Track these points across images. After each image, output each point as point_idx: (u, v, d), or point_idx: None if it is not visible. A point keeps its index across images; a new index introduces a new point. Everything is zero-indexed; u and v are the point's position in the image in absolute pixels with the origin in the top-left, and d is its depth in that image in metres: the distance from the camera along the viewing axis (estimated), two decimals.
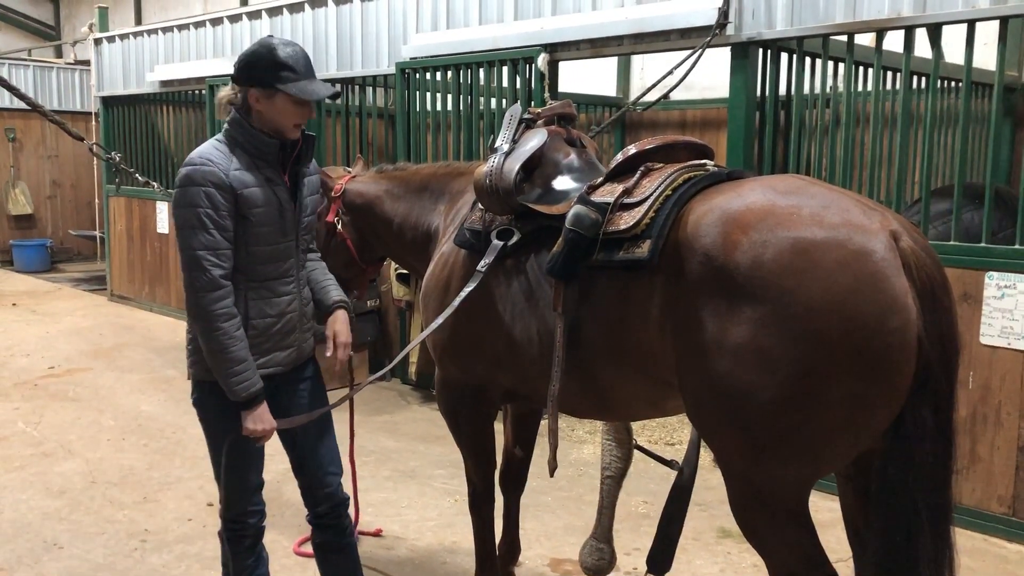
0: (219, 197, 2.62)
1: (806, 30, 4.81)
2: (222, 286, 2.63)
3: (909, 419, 2.17)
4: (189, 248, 2.62)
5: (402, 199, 3.66)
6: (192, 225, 2.61)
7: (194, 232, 2.61)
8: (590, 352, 2.70)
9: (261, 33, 8.39)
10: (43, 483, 4.94)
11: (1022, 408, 4.23)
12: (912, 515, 2.20)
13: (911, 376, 2.14)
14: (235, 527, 2.96)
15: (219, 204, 2.62)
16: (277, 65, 2.66)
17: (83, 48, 12.39)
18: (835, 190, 2.33)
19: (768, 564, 2.42)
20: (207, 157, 2.66)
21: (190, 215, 2.61)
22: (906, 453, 2.19)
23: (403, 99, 6.84)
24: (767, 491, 2.32)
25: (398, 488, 4.93)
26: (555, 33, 5.82)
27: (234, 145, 2.73)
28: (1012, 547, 4.25)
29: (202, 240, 2.60)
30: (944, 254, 4.42)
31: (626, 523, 4.31)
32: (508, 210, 2.99)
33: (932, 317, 2.14)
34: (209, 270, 2.61)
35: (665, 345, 2.46)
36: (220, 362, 2.65)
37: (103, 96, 10.69)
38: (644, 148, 2.81)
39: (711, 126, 8.56)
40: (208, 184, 2.61)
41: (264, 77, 2.67)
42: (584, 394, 2.82)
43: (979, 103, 6.52)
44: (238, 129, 2.73)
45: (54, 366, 7.62)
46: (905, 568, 2.21)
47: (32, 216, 14.16)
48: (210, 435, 2.90)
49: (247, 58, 2.72)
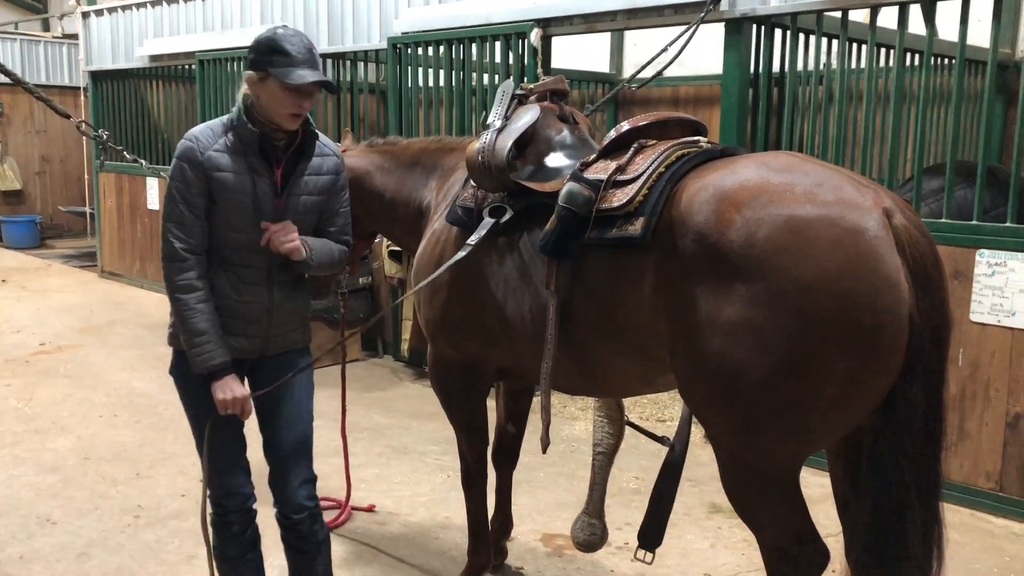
0: (191, 173, 2.67)
1: (800, 6, 4.79)
2: (183, 259, 2.67)
3: (900, 396, 2.19)
4: (163, 218, 2.71)
5: (392, 173, 3.63)
6: (168, 196, 2.71)
7: (168, 203, 2.70)
8: (583, 330, 2.71)
9: (251, 8, 8.32)
10: (35, 460, 4.94)
11: (1011, 385, 4.26)
12: (902, 490, 2.22)
13: (903, 353, 2.15)
14: (219, 510, 2.91)
15: (190, 180, 2.67)
16: (272, 49, 2.62)
17: (71, 22, 12.27)
18: (829, 167, 2.33)
19: (759, 539, 2.44)
20: (194, 134, 2.73)
21: (169, 187, 2.71)
22: (897, 429, 2.21)
23: (395, 74, 6.79)
24: (758, 467, 2.34)
25: (391, 464, 4.95)
26: (548, 8, 5.77)
27: (229, 127, 2.74)
28: (998, 521, 4.30)
29: (171, 212, 2.68)
30: (935, 231, 4.43)
31: (617, 498, 4.34)
32: (500, 187, 2.97)
33: (924, 295, 2.14)
34: (172, 242, 2.68)
35: (658, 322, 2.46)
36: (182, 333, 2.70)
37: (91, 71, 10.58)
38: (637, 124, 2.79)
39: (704, 103, 8.53)
40: (184, 159, 2.68)
41: (258, 60, 2.65)
42: (576, 371, 2.83)
43: (972, 80, 6.51)
44: (236, 113, 2.74)
45: (45, 343, 7.60)
46: (894, 543, 2.23)
47: (21, 192, 14.06)
48: (187, 406, 2.90)
49: (252, 42, 2.70)
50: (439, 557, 3.87)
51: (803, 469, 2.42)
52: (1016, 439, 4.27)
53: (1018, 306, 4.18)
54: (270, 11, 8.11)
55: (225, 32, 8.56)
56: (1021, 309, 4.18)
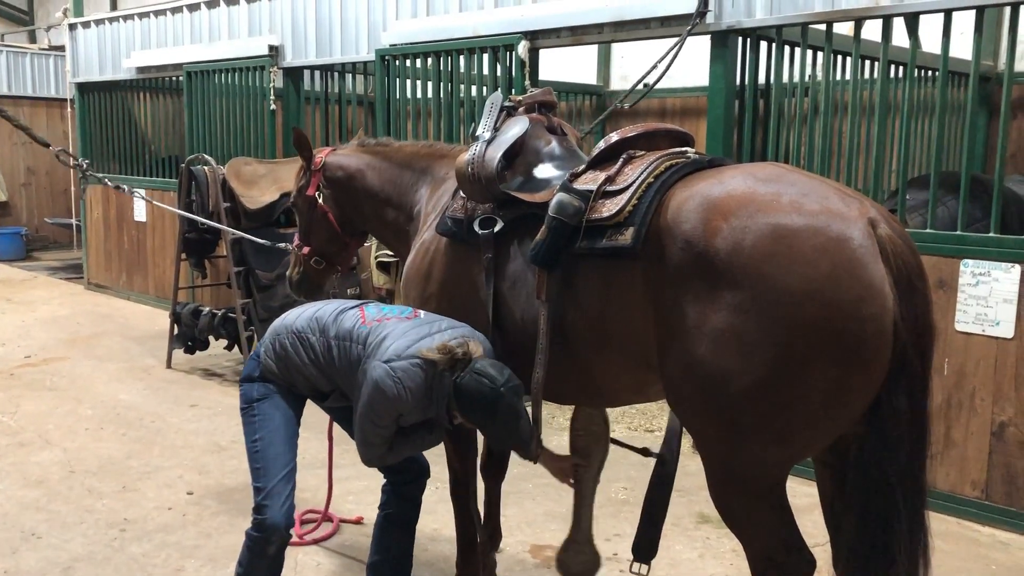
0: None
1: (785, 18, 4.83)
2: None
3: (885, 404, 2.21)
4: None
5: (384, 174, 3.64)
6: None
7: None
8: (574, 339, 2.72)
9: (239, 19, 8.31)
10: (20, 473, 4.90)
11: (995, 394, 4.29)
12: (887, 499, 2.23)
13: (887, 361, 2.17)
14: (266, 531, 2.96)
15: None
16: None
17: (57, 33, 12.25)
18: (814, 178, 2.36)
19: (746, 548, 2.44)
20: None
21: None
22: (882, 437, 2.22)
23: (383, 86, 6.81)
24: (745, 475, 2.34)
25: (378, 476, 4.91)
26: (535, 20, 5.80)
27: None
28: (984, 530, 4.31)
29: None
30: (920, 242, 4.45)
31: (606, 508, 4.34)
32: (490, 198, 2.98)
33: (908, 303, 2.16)
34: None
35: (648, 331, 2.47)
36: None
37: (78, 82, 10.55)
38: (626, 136, 2.82)
39: (691, 114, 8.58)
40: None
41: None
42: (568, 381, 2.83)
43: (955, 92, 6.57)
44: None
45: (31, 355, 7.55)
46: (880, 551, 2.25)
47: (7, 204, 13.98)
48: (259, 429, 3.01)
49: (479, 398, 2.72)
50: (428, 569, 3.86)
51: (790, 478, 2.43)
52: (1001, 447, 4.30)
53: (1002, 316, 4.22)
54: (258, 23, 8.11)
55: (213, 44, 8.55)
56: (1005, 319, 4.21)
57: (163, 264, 9.51)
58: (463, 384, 2.66)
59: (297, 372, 2.99)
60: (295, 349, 2.96)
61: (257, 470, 2.97)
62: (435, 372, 2.71)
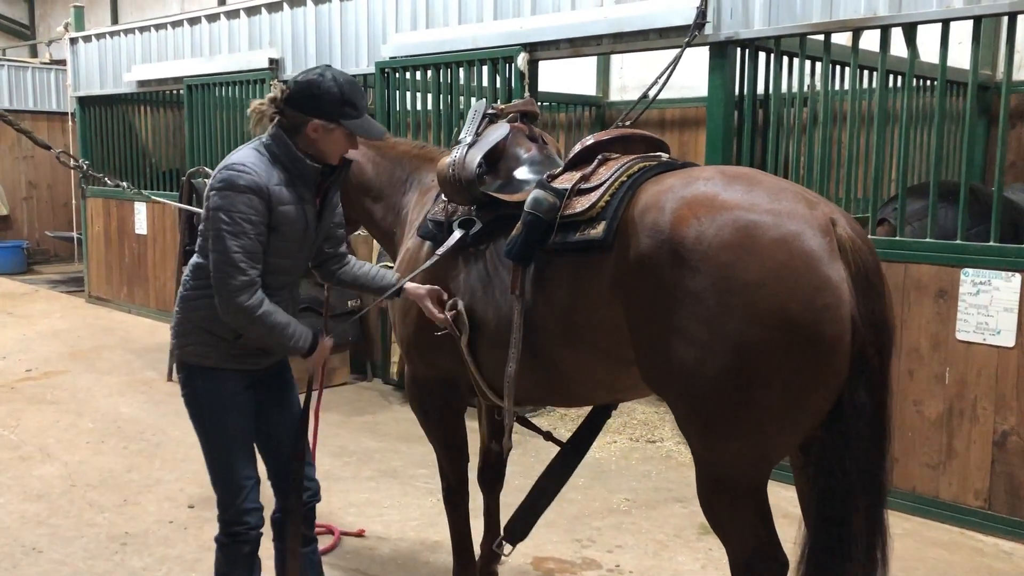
0: (260, 206, 2.72)
1: (783, 29, 4.85)
2: (256, 284, 2.74)
3: (847, 401, 2.27)
4: (226, 250, 2.69)
5: (376, 166, 3.66)
6: (232, 229, 2.69)
7: (234, 236, 2.69)
8: (547, 335, 2.78)
9: (239, 33, 8.35)
10: (21, 487, 4.89)
11: (997, 403, 4.28)
12: (846, 496, 2.29)
13: (847, 357, 2.23)
14: (234, 530, 2.94)
15: (260, 212, 2.72)
16: (344, 103, 2.76)
17: (59, 48, 12.28)
18: (782, 181, 2.47)
19: (727, 549, 2.51)
20: (251, 167, 2.74)
21: (232, 218, 2.69)
22: (843, 434, 2.28)
23: (383, 98, 6.83)
24: (724, 474, 2.41)
25: (380, 488, 4.93)
26: (534, 32, 5.83)
27: (274, 160, 2.80)
28: (988, 540, 4.30)
29: (240, 244, 2.69)
30: (921, 251, 4.49)
31: (608, 520, 4.32)
32: (470, 200, 3.06)
33: (866, 300, 2.23)
34: (247, 272, 2.71)
35: (619, 323, 2.53)
36: (274, 337, 2.78)
37: (79, 96, 10.58)
38: (601, 139, 2.92)
39: (690, 125, 8.59)
40: (252, 192, 2.70)
41: (331, 111, 2.75)
42: (541, 379, 2.89)
43: (954, 102, 6.59)
44: (281, 147, 2.79)
45: (31, 369, 7.55)
46: (838, 548, 2.31)
47: (8, 217, 14.00)
48: (199, 424, 2.93)
49: (314, 89, 2.75)
50: None
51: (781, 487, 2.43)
52: (1004, 457, 4.29)
53: (1003, 324, 4.22)
54: (258, 36, 8.14)
55: (213, 57, 8.59)
56: (1006, 327, 4.21)
57: (164, 277, 9.52)
58: (289, 94, 2.75)
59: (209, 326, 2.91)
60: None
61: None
62: (263, 133, 2.82)
